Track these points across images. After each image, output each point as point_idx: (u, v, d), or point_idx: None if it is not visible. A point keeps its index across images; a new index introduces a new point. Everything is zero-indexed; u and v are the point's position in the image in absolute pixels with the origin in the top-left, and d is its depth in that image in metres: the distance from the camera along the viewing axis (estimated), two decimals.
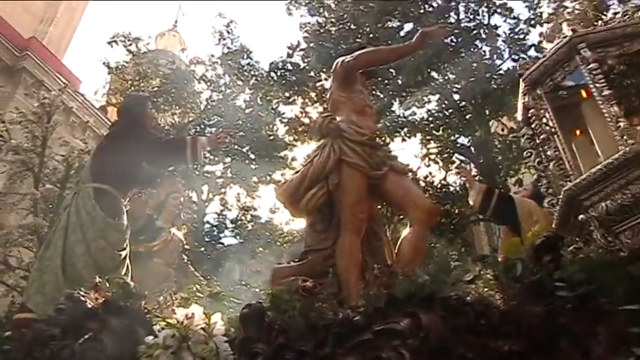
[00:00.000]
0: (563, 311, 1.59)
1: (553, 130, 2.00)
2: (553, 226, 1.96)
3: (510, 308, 1.66)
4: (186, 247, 5.00)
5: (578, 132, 2.11)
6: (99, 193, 3.19)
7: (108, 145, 3.53)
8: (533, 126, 2.11)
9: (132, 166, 3.37)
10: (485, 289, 1.75)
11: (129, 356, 2.01)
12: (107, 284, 2.38)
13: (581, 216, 1.81)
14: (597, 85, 1.84)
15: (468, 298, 1.69)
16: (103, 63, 13.85)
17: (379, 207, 3.44)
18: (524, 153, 2.20)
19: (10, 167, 9.23)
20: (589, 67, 1.87)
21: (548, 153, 1.99)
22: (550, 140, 2.00)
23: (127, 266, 3.18)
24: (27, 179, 9.07)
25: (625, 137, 1.73)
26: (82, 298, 2.31)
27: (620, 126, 1.75)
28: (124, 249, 3.19)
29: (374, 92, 10.85)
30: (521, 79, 2.21)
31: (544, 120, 2.04)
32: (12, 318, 3.09)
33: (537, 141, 2.07)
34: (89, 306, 2.29)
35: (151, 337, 1.91)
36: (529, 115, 2.14)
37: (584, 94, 1.97)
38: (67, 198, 3.34)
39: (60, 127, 10.48)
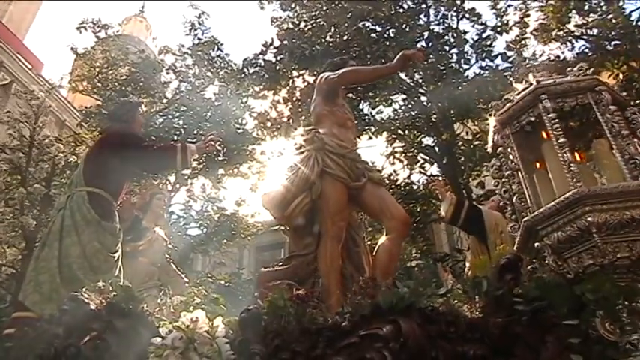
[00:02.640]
0: (520, 322, 1.91)
1: (517, 167, 2.33)
2: (514, 248, 2.30)
3: (476, 318, 1.97)
4: (170, 245, 5.16)
5: (538, 165, 2.44)
6: (92, 197, 3.32)
7: (100, 150, 3.63)
8: (500, 160, 2.43)
9: (123, 171, 3.51)
10: (456, 302, 2.05)
11: (134, 356, 2.20)
12: (110, 287, 2.54)
13: (537, 243, 2.14)
14: (555, 133, 2.16)
15: (441, 308, 1.99)
16: (71, 49, 13.48)
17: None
18: (493, 183, 2.51)
19: None
20: (549, 115, 2.19)
21: (513, 187, 2.31)
22: (514, 176, 2.33)
23: (120, 268, 3.34)
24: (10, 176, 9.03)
25: (575, 180, 2.06)
26: (86, 300, 2.46)
27: (572, 170, 2.08)
28: (117, 251, 3.34)
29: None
30: (492, 118, 2.52)
31: (510, 157, 2.36)
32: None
33: (504, 173, 2.38)
34: (92, 307, 2.45)
35: (158, 339, 2.11)
36: (497, 151, 2.47)
37: (544, 135, 2.29)
38: (61, 200, 3.44)
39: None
